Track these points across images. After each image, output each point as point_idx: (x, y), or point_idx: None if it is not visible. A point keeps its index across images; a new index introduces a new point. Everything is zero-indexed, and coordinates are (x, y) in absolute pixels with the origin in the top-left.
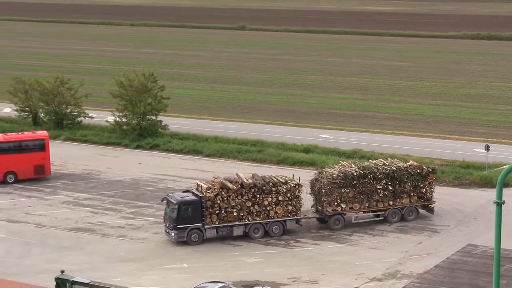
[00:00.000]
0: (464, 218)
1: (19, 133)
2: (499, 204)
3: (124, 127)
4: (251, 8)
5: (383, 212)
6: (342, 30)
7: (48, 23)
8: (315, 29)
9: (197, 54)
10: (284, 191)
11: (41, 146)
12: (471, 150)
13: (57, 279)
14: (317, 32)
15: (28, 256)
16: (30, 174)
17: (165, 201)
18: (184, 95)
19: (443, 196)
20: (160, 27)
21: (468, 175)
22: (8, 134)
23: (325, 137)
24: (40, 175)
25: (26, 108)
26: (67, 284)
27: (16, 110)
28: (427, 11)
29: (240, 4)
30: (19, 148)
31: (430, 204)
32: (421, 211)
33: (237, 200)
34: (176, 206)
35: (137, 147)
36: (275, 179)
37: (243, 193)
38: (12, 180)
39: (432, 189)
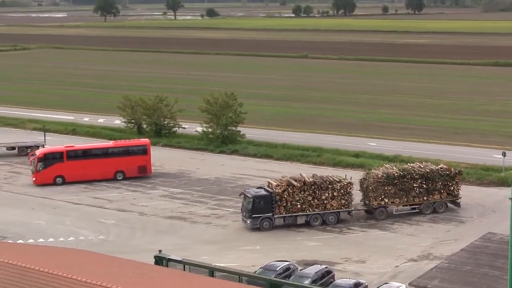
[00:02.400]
0: (484, 211)
1: (126, 140)
2: None
3: (210, 135)
4: (313, 40)
5: (418, 206)
6: (386, 58)
7: (151, 53)
8: (364, 57)
9: (269, 77)
10: (338, 188)
11: (144, 151)
12: (491, 156)
13: (156, 256)
14: (366, 60)
15: (133, 238)
16: (135, 173)
17: (242, 195)
18: (258, 110)
19: (468, 193)
20: (239, 55)
21: (488, 176)
22: (118, 140)
23: (372, 145)
24: (143, 174)
25: (132, 120)
26: (164, 261)
27: (124, 122)
28: (454, 42)
29: (303, 37)
30: (126, 152)
31: (457, 199)
32: (449, 205)
33: (300, 195)
34: (251, 200)
35: (220, 152)
36: (331, 178)
37: (305, 189)
38: (121, 177)
39: (459, 188)
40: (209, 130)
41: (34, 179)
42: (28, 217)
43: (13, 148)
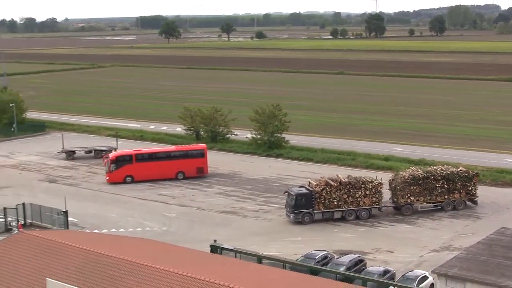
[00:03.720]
0: (499, 208)
1: (186, 145)
2: None
3: (258, 141)
4: (348, 59)
5: (440, 203)
6: (411, 74)
7: (207, 70)
8: (393, 73)
9: (309, 91)
10: (370, 187)
11: (201, 154)
12: (504, 160)
13: (211, 246)
14: (394, 76)
15: (192, 230)
16: (194, 173)
17: (286, 193)
18: (300, 119)
19: (484, 192)
20: (283, 72)
21: (502, 178)
22: (179, 145)
23: (399, 149)
24: (200, 174)
25: (191, 128)
26: (218, 249)
27: (185, 129)
28: (472, 61)
29: (339, 56)
30: (186, 155)
31: (474, 198)
32: (468, 203)
33: (337, 193)
34: (294, 197)
35: (267, 155)
36: (364, 179)
37: (341, 188)
38: (182, 177)
39: (476, 188)
40: (258, 136)
41: (107, 178)
42: (102, 210)
43: (90, 152)
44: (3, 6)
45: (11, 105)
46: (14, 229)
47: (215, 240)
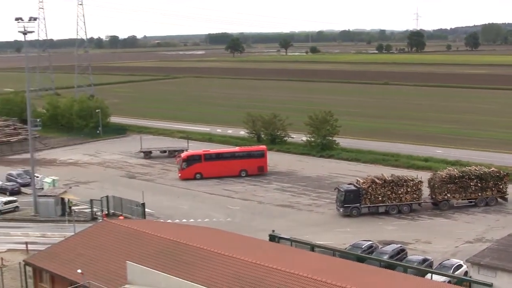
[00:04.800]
0: None
1: (249, 146)
2: None
3: (312, 143)
4: (392, 71)
5: (474, 200)
6: (449, 85)
7: (268, 80)
8: (432, 84)
9: (358, 99)
10: (411, 185)
11: (262, 154)
12: None
13: (270, 235)
14: (434, 86)
15: (253, 221)
16: (255, 171)
17: (337, 189)
18: (349, 124)
19: None
20: (334, 83)
21: None
22: (242, 146)
23: (438, 152)
24: (261, 172)
25: (253, 131)
26: (276, 238)
27: (247, 133)
28: (504, 72)
29: (384, 69)
30: (248, 155)
31: (505, 195)
32: (499, 200)
33: (381, 190)
34: (343, 193)
35: (320, 156)
36: (406, 177)
37: (385, 186)
38: (244, 175)
39: (507, 186)
40: (312, 139)
41: (179, 175)
42: (175, 203)
43: (165, 152)
44: (92, 26)
45: (97, 111)
46: (99, 218)
47: (273, 230)
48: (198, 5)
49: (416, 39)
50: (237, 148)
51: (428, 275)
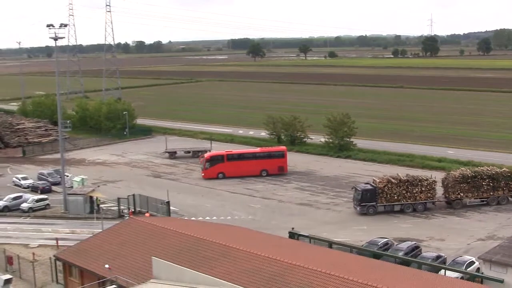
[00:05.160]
0: None
1: (269, 147)
2: None
3: (330, 144)
4: (407, 75)
5: (486, 199)
6: (462, 88)
7: (287, 84)
8: (446, 87)
9: (373, 102)
10: (425, 184)
11: (282, 155)
12: None
13: (289, 232)
14: (447, 89)
15: (273, 219)
16: (275, 171)
17: (354, 189)
18: (365, 126)
19: None
20: (351, 86)
21: None
22: (263, 147)
23: (451, 152)
24: (281, 172)
25: (274, 133)
26: (295, 235)
27: (268, 134)
28: None
29: (400, 73)
30: (269, 155)
31: None
32: (510, 199)
33: (397, 189)
34: (360, 192)
35: (337, 156)
36: (420, 177)
37: (401, 185)
38: (265, 174)
39: None
40: (330, 140)
41: (203, 174)
42: (199, 201)
43: (189, 152)
44: (119, 32)
45: (124, 113)
46: (125, 215)
47: (292, 228)
48: (221, 12)
49: (430, 44)
50: (258, 149)
51: (442, 271)
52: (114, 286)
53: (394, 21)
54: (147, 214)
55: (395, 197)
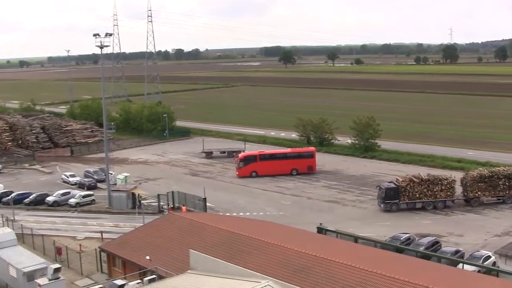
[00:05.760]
0: None
1: (299, 148)
2: None
3: (356, 145)
4: (428, 80)
5: (503, 197)
6: (480, 93)
7: (316, 89)
8: (464, 92)
9: (397, 106)
10: (445, 183)
11: (311, 155)
12: None
13: (318, 227)
14: (466, 94)
15: (302, 215)
16: (305, 171)
17: (378, 187)
18: (389, 128)
19: None
20: (377, 91)
21: None
22: (293, 148)
23: (470, 153)
24: (310, 171)
25: (303, 134)
26: (323, 231)
27: (298, 135)
28: None
29: (421, 79)
30: (299, 156)
31: None
32: None
33: (418, 188)
34: (384, 190)
35: (363, 157)
36: (440, 177)
37: (422, 184)
38: (295, 173)
39: None
40: (356, 141)
41: (237, 173)
42: (233, 198)
43: (224, 152)
44: (160, 40)
45: (164, 115)
46: (165, 211)
47: (320, 223)
48: (254, 21)
49: (450, 52)
50: (288, 149)
51: (460, 265)
52: (154, 276)
53: (416, 30)
54: (183, 208)
55: (417, 195)
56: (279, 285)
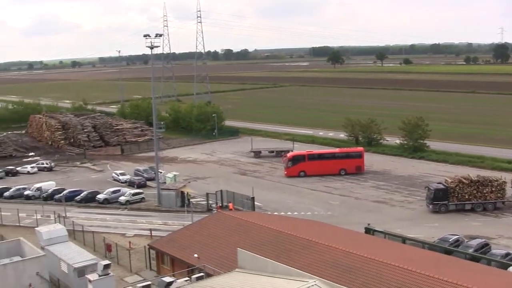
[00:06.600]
0: None
1: (348, 148)
2: None
3: (405, 146)
4: (478, 81)
5: None
6: None
7: (365, 89)
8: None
9: (446, 106)
10: (495, 185)
11: (359, 155)
12: None
13: (365, 228)
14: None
15: (350, 215)
16: (353, 171)
17: (427, 188)
18: (438, 129)
19: None
20: (425, 91)
21: None
22: (342, 148)
23: None
24: (358, 171)
25: (352, 135)
26: (371, 231)
27: (346, 136)
28: None
29: (471, 79)
30: (347, 156)
31: None
32: None
33: (468, 189)
34: (433, 191)
35: (411, 157)
36: (490, 178)
37: (472, 185)
38: (343, 173)
39: None
40: (404, 142)
41: (285, 172)
42: (281, 197)
43: (273, 152)
44: (209, 40)
45: (213, 115)
46: (213, 209)
47: (368, 224)
48: (302, 22)
49: (501, 52)
50: (337, 149)
51: (510, 268)
52: (202, 273)
53: (466, 29)
54: (230, 205)
55: (466, 197)
56: (326, 285)
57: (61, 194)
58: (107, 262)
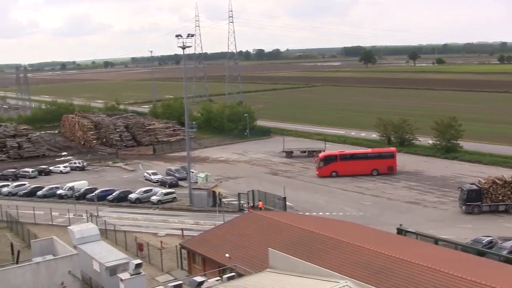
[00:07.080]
0: None
1: (380, 148)
2: None
3: (438, 146)
4: None
5: None
6: None
7: (397, 89)
8: None
9: (480, 106)
10: None
11: (392, 155)
12: None
13: (398, 229)
14: None
15: (382, 215)
16: (385, 171)
17: (460, 189)
18: (471, 129)
19: None
20: (458, 91)
21: None
22: (374, 148)
23: None
24: (390, 171)
25: (384, 135)
26: (403, 232)
27: (379, 136)
28: None
29: (506, 78)
30: (379, 156)
31: None
32: None
33: (502, 190)
34: (466, 192)
35: (444, 158)
36: None
37: (506, 186)
38: (375, 174)
39: None
40: (437, 142)
41: (317, 172)
42: (312, 197)
43: (304, 152)
44: (241, 40)
45: (245, 115)
46: (245, 209)
47: (400, 224)
48: (334, 21)
49: None
50: (369, 150)
51: None
52: (233, 273)
53: (500, 28)
54: (260, 203)
55: (500, 198)
56: (358, 285)
57: (93, 194)
58: (138, 261)
